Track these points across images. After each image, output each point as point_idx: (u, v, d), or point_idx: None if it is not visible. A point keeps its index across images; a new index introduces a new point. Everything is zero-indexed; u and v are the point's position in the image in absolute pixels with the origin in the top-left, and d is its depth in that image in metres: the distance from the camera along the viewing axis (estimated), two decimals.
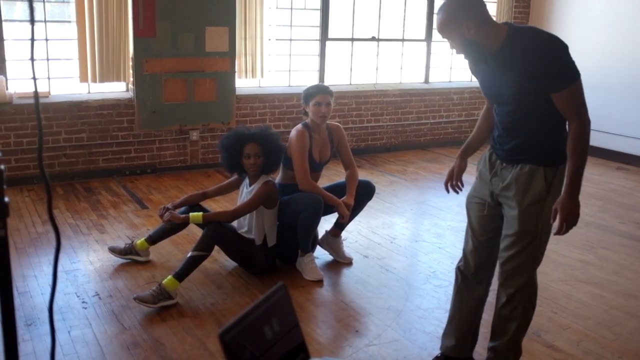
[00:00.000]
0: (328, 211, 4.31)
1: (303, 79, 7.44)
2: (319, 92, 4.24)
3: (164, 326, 3.47)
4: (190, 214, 3.95)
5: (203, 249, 3.75)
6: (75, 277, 4.04)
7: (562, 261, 4.63)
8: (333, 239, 4.47)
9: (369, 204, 4.62)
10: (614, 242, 5.08)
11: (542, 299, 3.98)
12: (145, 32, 6.21)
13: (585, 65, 7.98)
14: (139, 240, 4.25)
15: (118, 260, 4.27)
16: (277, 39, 7.09)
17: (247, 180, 4.15)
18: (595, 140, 7.90)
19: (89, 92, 6.39)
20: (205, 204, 4.39)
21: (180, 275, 3.67)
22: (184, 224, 4.12)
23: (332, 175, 6.09)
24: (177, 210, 4.13)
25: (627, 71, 7.63)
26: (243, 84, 7.03)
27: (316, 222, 4.16)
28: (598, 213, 5.79)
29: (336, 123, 4.54)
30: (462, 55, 2.64)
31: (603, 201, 6.17)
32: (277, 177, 4.39)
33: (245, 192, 4.12)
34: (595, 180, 6.92)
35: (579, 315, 3.80)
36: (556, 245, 4.93)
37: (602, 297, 4.07)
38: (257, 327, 1.85)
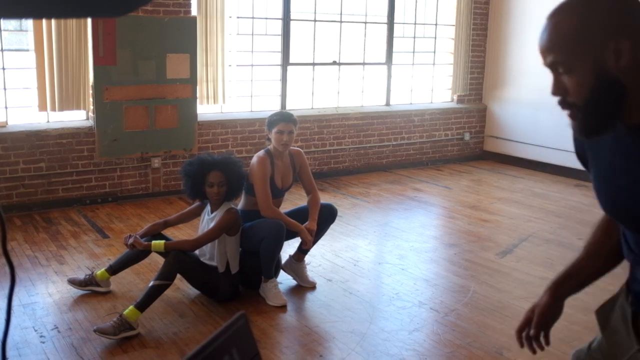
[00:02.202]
0: (291, 236, 4.32)
1: (265, 104, 7.47)
2: (282, 121, 4.26)
3: (125, 358, 3.42)
4: (152, 242, 3.92)
5: (165, 277, 3.72)
6: (34, 310, 3.96)
7: (523, 279, 4.69)
8: (297, 263, 4.47)
9: (332, 227, 4.64)
10: (573, 258, 5.16)
11: (504, 317, 4.03)
12: (105, 60, 6.18)
13: (543, 85, 8.16)
14: (99, 271, 4.19)
15: (78, 292, 4.20)
16: (238, 65, 7.12)
17: (208, 207, 4.14)
18: (553, 157, 8.08)
19: (48, 121, 6.31)
20: (168, 232, 4.37)
21: (142, 305, 3.62)
22: (146, 252, 4.08)
23: (295, 200, 6.10)
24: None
25: None
26: (205, 110, 7.03)
27: (279, 249, 4.16)
28: (558, 230, 5.89)
29: (298, 149, 4.57)
30: (568, 113, 1.40)
31: (563, 218, 6.28)
32: (239, 204, 4.38)
33: (207, 219, 4.11)
34: (555, 198, 7.05)
35: None
36: (517, 264, 5.00)
37: (562, 313, 4.12)
38: (217, 357, 1.84)
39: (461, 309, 4.17)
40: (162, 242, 3.90)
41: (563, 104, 1.40)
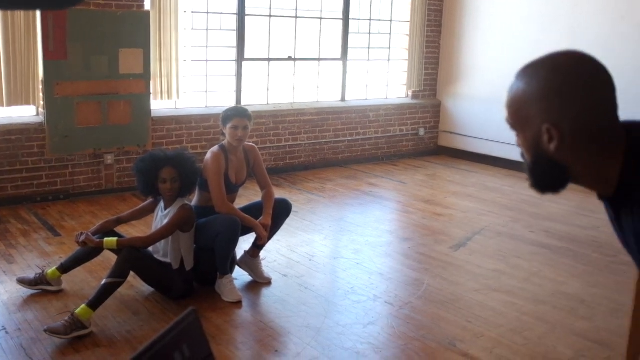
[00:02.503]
0: (246, 232, 4.31)
1: (220, 99, 7.41)
2: (236, 116, 4.24)
3: (77, 357, 3.36)
4: (105, 239, 3.86)
5: (118, 275, 3.67)
6: None
7: (476, 272, 4.78)
8: (252, 259, 4.46)
9: (288, 222, 4.64)
10: (524, 250, 5.28)
11: (457, 309, 4.10)
12: (55, 55, 6.06)
13: (495, 81, 8.34)
14: (50, 270, 4.11)
15: (28, 292, 4.11)
16: (193, 60, 7.05)
17: (162, 204, 4.10)
18: (506, 152, 8.23)
19: None
20: (121, 229, 4.31)
21: (94, 304, 3.57)
22: (98, 250, 4.02)
23: (251, 196, 6.08)
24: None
25: None
26: (159, 105, 6.94)
27: (234, 245, 4.14)
28: (510, 223, 6.00)
29: (251, 144, 4.55)
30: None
31: (514, 211, 6.40)
32: (193, 200, 4.35)
33: (161, 215, 4.07)
34: (507, 192, 7.18)
35: (492, 323, 3.93)
36: (470, 256, 5.08)
37: (514, 304, 4.22)
38: (167, 353, 1.83)
39: (415, 302, 4.22)
40: (115, 239, 3.85)
41: (522, 156, 1.47)
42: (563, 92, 1.32)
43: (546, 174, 1.38)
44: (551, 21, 7.76)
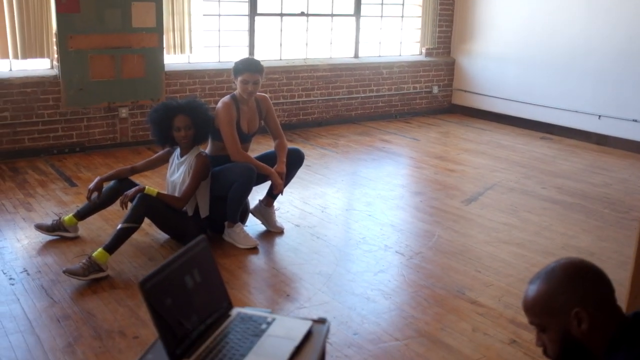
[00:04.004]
0: (260, 181, 4.36)
1: (233, 54, 7.40)
2: (247, 70, 4.25)
3: (95, 298, 3.45)
4: (147, 187, 3.90)
5: (133, 220, 3.73)
6: (2, 255, 3.96)
7: (487, 225, 4.81)
8: (266, 208, 4.52)
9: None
10: (536, 205, 5.30)
11: (467, 260, 4.15)
12: (68, 8, 6.06)
13: (510, 39, 8.27)
14: (67, 217, 4.19)
15: (46, 238, 4.20)
16: (204, 15, 7.03)
17: (177, 152, 4.15)
18: (520, 111, 8.20)
19: (10, 70, 6.20)
20: (135, 179, 4.36)
21: (111, 248, 3.65)
22: (114, 197, 4.10)
23: (264, 150, 6.12)
24: (107, 185, 4.11)
25: (549, 45, 7.90)
26: (172, 60, 6.95)
27: (248, 192, 4.19)
28: (522, 179, 6.01)
29: (263, 94, 4.57)
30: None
31: (527, 168, 6.41)
32: (207, 149, 4.39)
33: (177, 162, 4.12)
34: (520, 149, 7.18)
35: (501, 273, 3.98)
36: (482, 210, 5.12)
37: (523, 256, 4.26)
38: (178, 276, 1.90)
39: (426, 252, 4.27)
40: (156, 190, 3.89)
41: (545, 354, 1.68)
42: (585, 275, 1.61)
43: (570, 358, 1.61)
44: None
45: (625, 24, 7.13)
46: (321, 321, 2.00)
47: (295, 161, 4.45)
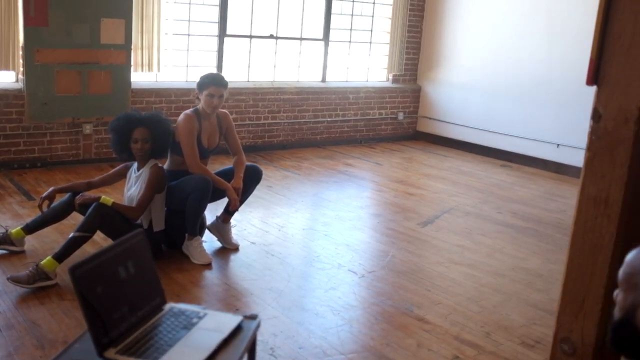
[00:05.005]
0: (217, 197, 4.40)
1: (201, 74, 7.44)
2: (212, 84, 4.33)
3: (42, 308, 3.44)
4: (102, 196, 3.92)
5: (86, 229, 3.74)
6: None
7: (441, 246, 4.89)
8: (222, 224, 4.55)
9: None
10: (490, 229, 5.41)
11: (418, 279, 4.22)
12: (36, 21, 6.09)
13: (474, 69, 8.46)
14: (15, 229, 4.12)
15: None
16: (174, 34, 7.10)
17: (134, 166, 4.18)
18: (482, 139, 8.36)
19: None
20: (94, 194, 4.35)
21: (60, 256, 3.64)
22: (65, 212, 4.08)
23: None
24: (60, 198, 4.10)
25: (511, 75, 8.10)
26: (139, 77, 6.99)
27: (205, 204, 4.22)
28: (479, 204, 6.13)
29: (225, 111, 4.64)
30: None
31: (485, 194, 6.53)
32: (165, 164, 4.42)
33: (134, 176, 4.14)
34: (480, 176, 7.31)
35: (450, 292, 4.05)
36: (437, 232, 5.20)
37: (473, 276, 4.34)
38: (111, 266, 1.93)
39: (379, 271, 4.33)
40: (111, 199, 3.90)
41: (615, 311, 1.60)
42: None
43: (625, 340, 1.53)
44: (531, 11, 7.87)
45: (584, 55, 7.30)
46: (252, 317, 2.04)
47: (252, 178, 4.50)
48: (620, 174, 1.99)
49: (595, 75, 2.02)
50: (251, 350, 1.99)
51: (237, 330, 1.97)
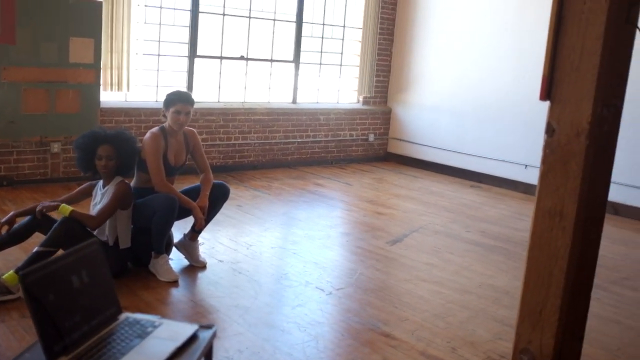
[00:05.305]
0: (183, 215, 4.37)
1: None
2: (179, 101, 4.32)
3: (1, 325, 3.37)
4: (62, 204, 3.87)
5: (51, 244, 3.69)
6: None
7: (409, 264, 4.91)
8: (190, 242, 4.52)
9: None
10: (458, 247, 5.44)
11: (385, 296, 4.22)
12: (3, 39, 6.05)
13: (443, 91, 8.58)
14: None
15: None
16: (144, 54, 7.10)
17: (100, 184, 4.14)
18: (451, 160, 8.45)
19: None
20: (55, 214, 4.28)
21: (22, 270, 3.56)
22: (27, 232, 3.99)
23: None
24: (21, 220, 4.01)
25: (481, 96, 8.22)
26: (109, 97, 6.97)
27: (171, 222, 4.20)
28: (448, 223, 6.17)
29: (191, 129, 4.63)
30: None
31: (454, 213, 6.58)
32: (132, 182, 4.39)
33: (100, 193, 4.10)
34: (449, 196, 7.37)
35: (417, 309, 4.05)
36: (405, 251, 5.22)
37: (440, 293, 4.36)
38: (64, 275, 1.91)
39: (346, 288, 4.33)
40: (71, 208, 3.84)
41: None
42: None
43: None
44: (498, 35, 8.02)
45: None
46: (208, 326, 2.03)
47: (219, 195, 4.49)
48: (574, 186, 2.03)
49: (548, 91, 2.06)
50: (207, 359, 1.97)
51: (193, 339, 1.96)
